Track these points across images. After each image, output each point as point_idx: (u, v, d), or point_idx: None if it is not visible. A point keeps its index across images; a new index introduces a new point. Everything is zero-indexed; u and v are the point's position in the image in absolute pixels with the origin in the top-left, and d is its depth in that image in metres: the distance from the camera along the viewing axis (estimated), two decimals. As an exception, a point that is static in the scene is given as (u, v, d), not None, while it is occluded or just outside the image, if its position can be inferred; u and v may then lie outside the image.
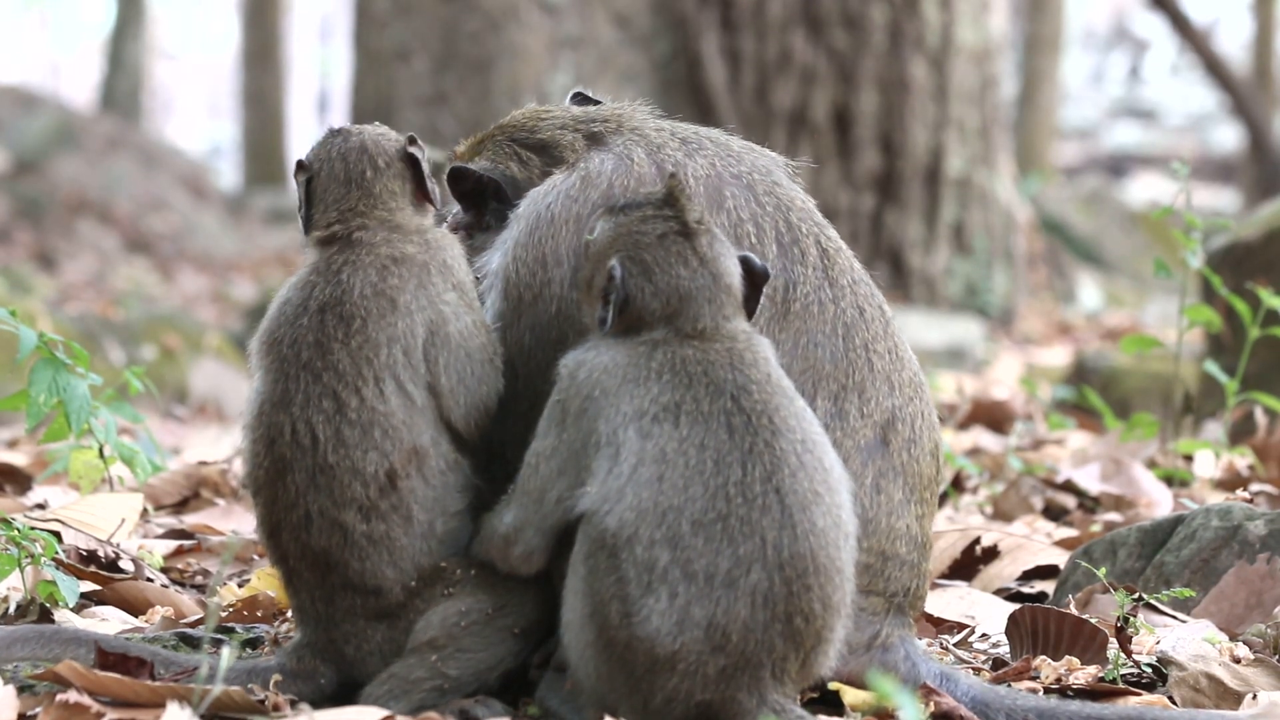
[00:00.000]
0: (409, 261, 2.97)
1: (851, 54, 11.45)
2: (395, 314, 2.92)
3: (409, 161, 3.07)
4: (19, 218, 19.07)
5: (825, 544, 2.71)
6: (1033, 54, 23.27)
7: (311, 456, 2.88)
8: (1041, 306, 14.07)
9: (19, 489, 4.93)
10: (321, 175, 3.07)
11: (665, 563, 2.66)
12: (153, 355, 9.70)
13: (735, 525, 2.68)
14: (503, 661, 2.91)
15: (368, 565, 2.89)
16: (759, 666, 2.69)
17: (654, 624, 2.66)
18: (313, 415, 2.89)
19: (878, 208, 11.55)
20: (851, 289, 3.02)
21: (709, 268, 2.85)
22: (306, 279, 2.98)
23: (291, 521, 2.90)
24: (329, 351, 2.90)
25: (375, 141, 3.08)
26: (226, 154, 38.30)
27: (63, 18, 46.17)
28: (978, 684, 3.00)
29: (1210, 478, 5.30)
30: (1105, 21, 42.23)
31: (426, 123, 11.07)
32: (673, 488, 2.69)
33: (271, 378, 2.94)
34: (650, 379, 2.77)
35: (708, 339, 2.81)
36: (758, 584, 2.67)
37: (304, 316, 2.93)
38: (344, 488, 2.87)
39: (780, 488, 2.70)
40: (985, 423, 7.35)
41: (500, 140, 3.22)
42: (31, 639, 2.98)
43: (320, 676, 2.94)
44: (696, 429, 2.73)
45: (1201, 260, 5.31)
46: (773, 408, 2.75)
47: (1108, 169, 31.91)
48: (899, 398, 3.00)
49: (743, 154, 3.13)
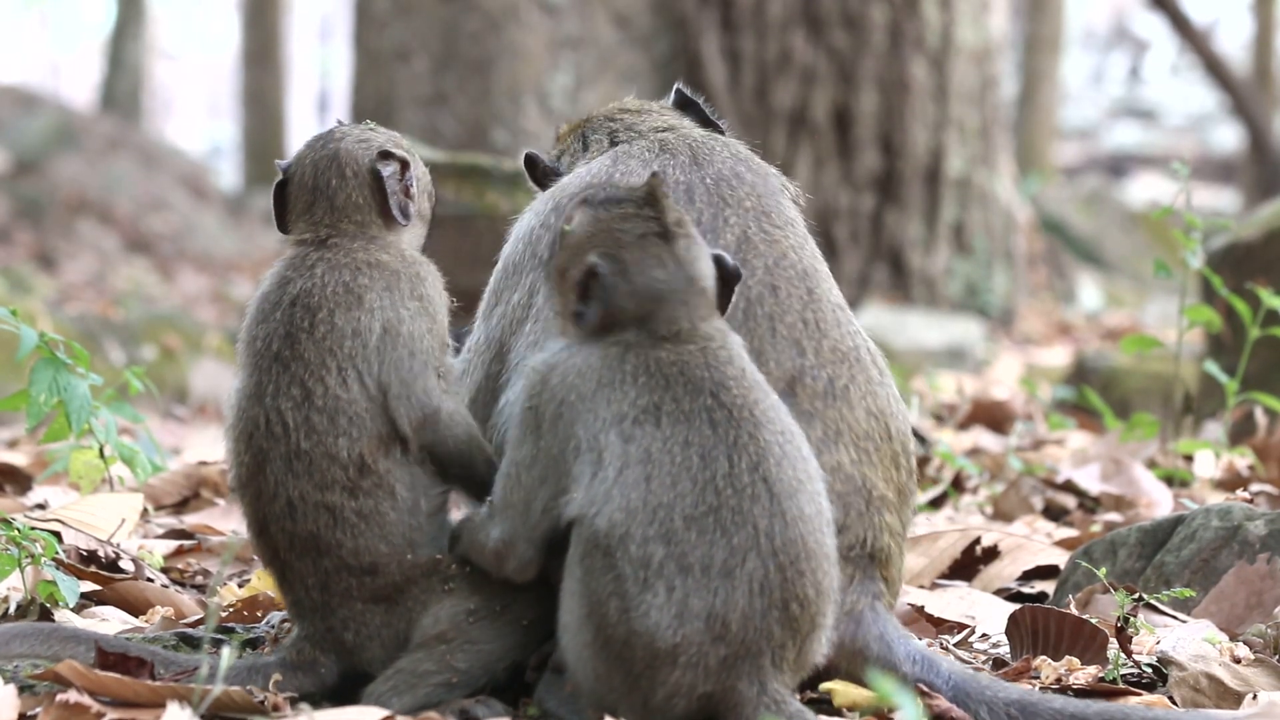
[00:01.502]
0: (382, 267, 3.01)
1: (851, 54, 11.45)
2: (360, 309, 2.96)
3: (375, 177, 3.08)
4: (19, 218, 19.07)
5: (813, 529, 2.73)
6: (1033, 54, 23.26)
7: (285, 444, 2.91)
8: (1041, 306, 14.07)
9: (19, 489, 4.93)
10: (294, 180, 3.11)
11: (660, 558, 2.66)
12: (153, 355, 9.70)
13: (727, 516, 2.69)
14: (511, 653, 2.91)
15: (361, 542, 2.89)
16: (759, 655, 2.69)
17: (653, 618, 2.66)
18: (282, 404, 2.92)
19: (878, 208, 11.55)
20: (769, 270, 3.09)
21: (685, 271, 2.84)
22: (283, 274, 3.02)
23: (275, 512, 2.92)
24: (297, 342, 2.94)
25: (349, 150, 3.10)
26: (226, 154, 38.29)
27: (63, 18, 46.16)
28: (959, 669, 2.99)
29: (1210, 478, 5.30)
30: (1105, 21, 42.24)
31: (426, 123, 11.07)
32: (661, 486, 2.70)
33: (247, 372, 2.99)
34: (626, 382, 2.77)
35: (682, 340, 2.81)
36: (754, 572, 2.68)
37: (277, 310, 2.98)
38: (322, 472, 2.90)
39: (768, 477, 2.71)
40: (985, 423, 7.35)
41: (571, 131, 3.43)
42: (30, 635, 2.98)
43: (321, 667, 2.94)
44: (679, 428, 2.73)
45: (1201, 260, 5.31)
46: (752, 401, 2.77)
47: (1108, 169, 31.92)
48: (810, 360, 3.04)
49: (716, 146, 3.26)
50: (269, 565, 2.98)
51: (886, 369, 3.18)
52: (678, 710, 2.70)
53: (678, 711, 2.70)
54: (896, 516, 3.09)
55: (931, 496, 5.28)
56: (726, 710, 2.70)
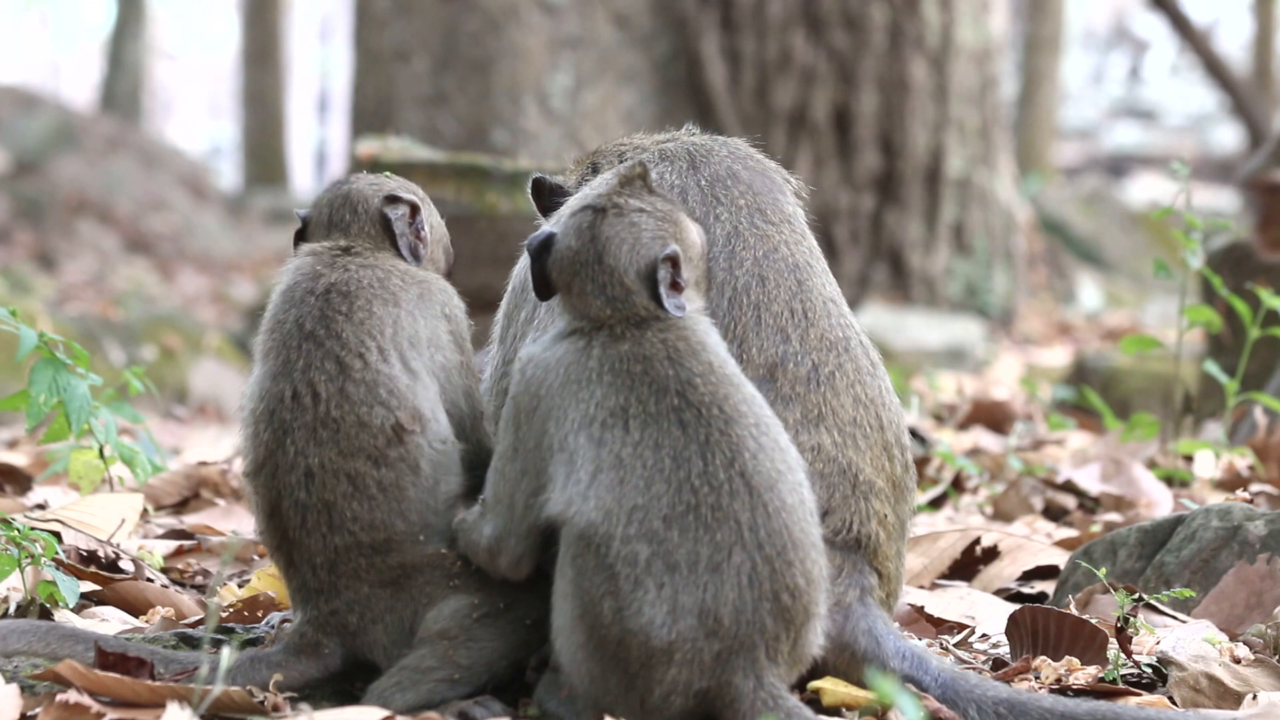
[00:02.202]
0: (410, 275, 3.08)
1: (851, 54, 11.45)
2: (398, 308, 3.01)
3: (384, 220, 3.17)
4: (19, 218, 19.07)
5: (797, 519, 2.73)
6: (1033, 54, 23.26)
7: (312, 413, 2.92)
8: (1041, 307, 14.07)
9: (19, 489, 4.93)
10: (310, 223, 3.22)
11: (646, 556, 2.67)
12: (153, 355, 9.70)
13: (706, 514, 2.68)
14: (514, 651, 2.91)
15: (377, 515, 2.90)
16: (753, 648, 2.69)
17: (646, 615, 2.66)
18: (315, 376, 2.94)
19: (878, 208, 11.55)
20: (758, 263, 3.12)
21: (595, 247, 2.84)
22: (311, 268, 3.06)
23: (291, 484, 2.92)
24: (333, 323, 2.97)
25: (359, 190, 3.20)
26: (226, 154, 38.30)
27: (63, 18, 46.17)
28: (947, 667, 2.98)
29: (1210, 478, 5.30)
30: (1105, 22, 42.24)
31: (426, 123, 11.07)
32: (635, 489, 2.70)
33: (272, 355, 2.99)
34: (592, 381, 2.77)
35: (643, 330, 2.81)
36: (741, 565, 2.67)
37: (310, 296, 3.01)
38: (350, 439, 2.91)
39: (744, 471, 2.71)
40: (985, 423, 7.35)
41: (582, 162, 3.48)
42: (29, 633, 2.98)
43: (325, 649, 2.95)
44: (649, 431, 2.73)
45: (1201, 260, 5.31)
46: (721, 397, 2.76)
47: (1108, 169, 31.92)
48: (794, 347, 3.05)
49: (715, 148, 3.28)
50: (276, 551, 2.98)
51: (879, 361, 3.17)
52: (675, 708, 2.70)
53: (675, 709, 2.70)
54: (889, 506, 3.07)
55: (931, 497, 5.28)
56: (723, 706, 2.70)
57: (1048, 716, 2.86)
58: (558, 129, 10.86)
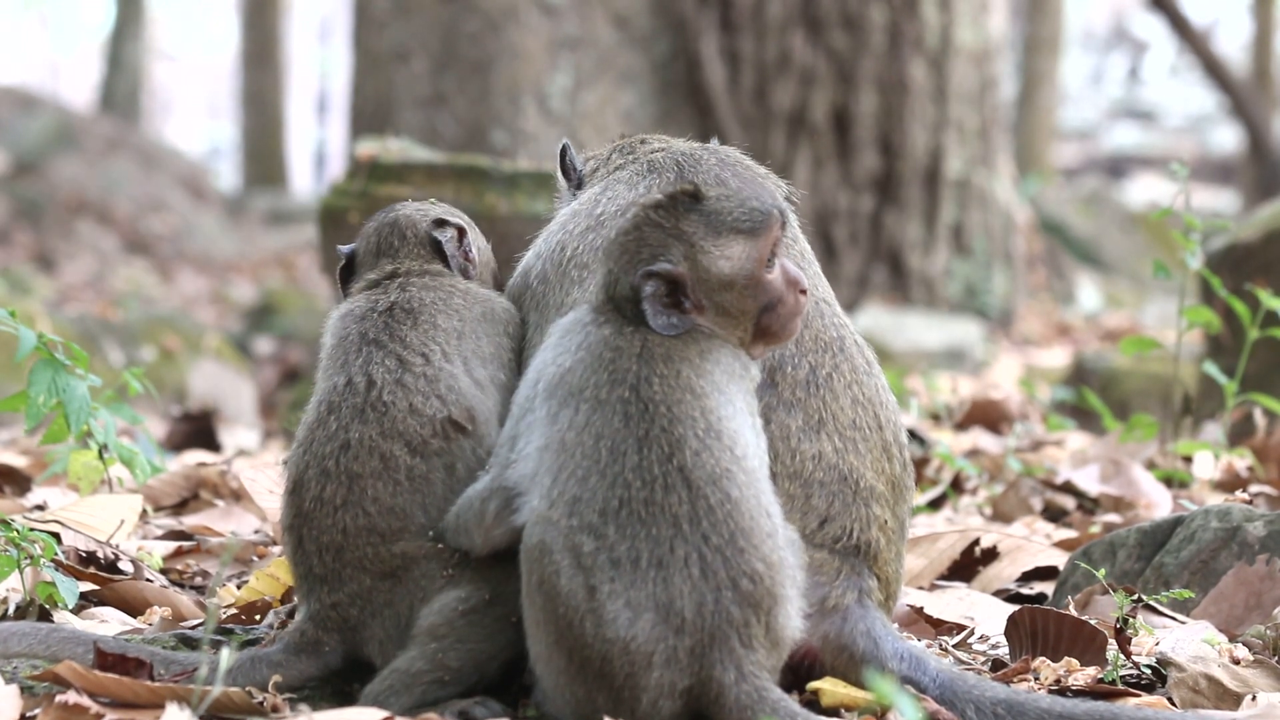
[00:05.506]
0: (473, 293, 3.16)
1: (851, 55, 11.45)
2: (462, 323, 3.09)
3: (434, 241, 3.25)
4: (19, 218, 19.07)
5: (743, 511, 2.71)
6: (1032, 55, 23.27)
7: (364, 397, 2.96)
8: (1041, 307, 14.07)
9: (19, 490, 4.94)
10: (359, 251, 3.29)
11: (590, 550, 2.67)
12: (152, 356, 9.70)
13: (640, 509, 2.69)
14: (502, 651, 2.91)
15: (398, 501, 2.92)
16: (726, 638, 2.68)
17: (610, 612, 2.65)
18: (374, 370, 2.99)
19: (877, 209, 11.55)
20: None
21: (610, 245, 2.90)
22: (370, 296, 3.14)
23: (324, 454, 2.95)
24: (397, 331, 3.04)
25: (408, 216, 3.29)
26: (226, 155, 38.31)
27: (63, 18, 46.18)
28: (945, 668, 2.98)
29: (1209, 479, 5.30)
30: (1105, 22, 42.26)
31: (426, 123, 11.08)
32: (574, 479, 2.71)
33: (332, 362, 3.06)
34: (570, 352, 2.83)
35: (640, 329, 2.83)
36: (688, 557, 2.67)
37: (373, 313, 3.08)
38: (395, 422, 2.94)
39: (684, 466, 2.71)
40: (984, 424, 7.35)
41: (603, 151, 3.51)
42: (29, 634, 2.98)
43: (325, 647, 2.96)
44: (593, 417, 2.75)
45: (1201, 261, 5.31)
46: (673, 400, 2.76)
47: (1107, 170, 31.94)
48: (790, 349, 3.05)
49: (704, 156, 3.30)
50: (287, 531, 2.99)
51: (875, 360, 3.18)
52: (665, 713, 2.70)
53: (665, 714, 2.70)
54: (889, 510, 3.07)
55: (930, 497, 5.29)
56: (710, 702, 2.69)
57: (1046, 717, 2.86)
58: (557, 130, 10.86)
